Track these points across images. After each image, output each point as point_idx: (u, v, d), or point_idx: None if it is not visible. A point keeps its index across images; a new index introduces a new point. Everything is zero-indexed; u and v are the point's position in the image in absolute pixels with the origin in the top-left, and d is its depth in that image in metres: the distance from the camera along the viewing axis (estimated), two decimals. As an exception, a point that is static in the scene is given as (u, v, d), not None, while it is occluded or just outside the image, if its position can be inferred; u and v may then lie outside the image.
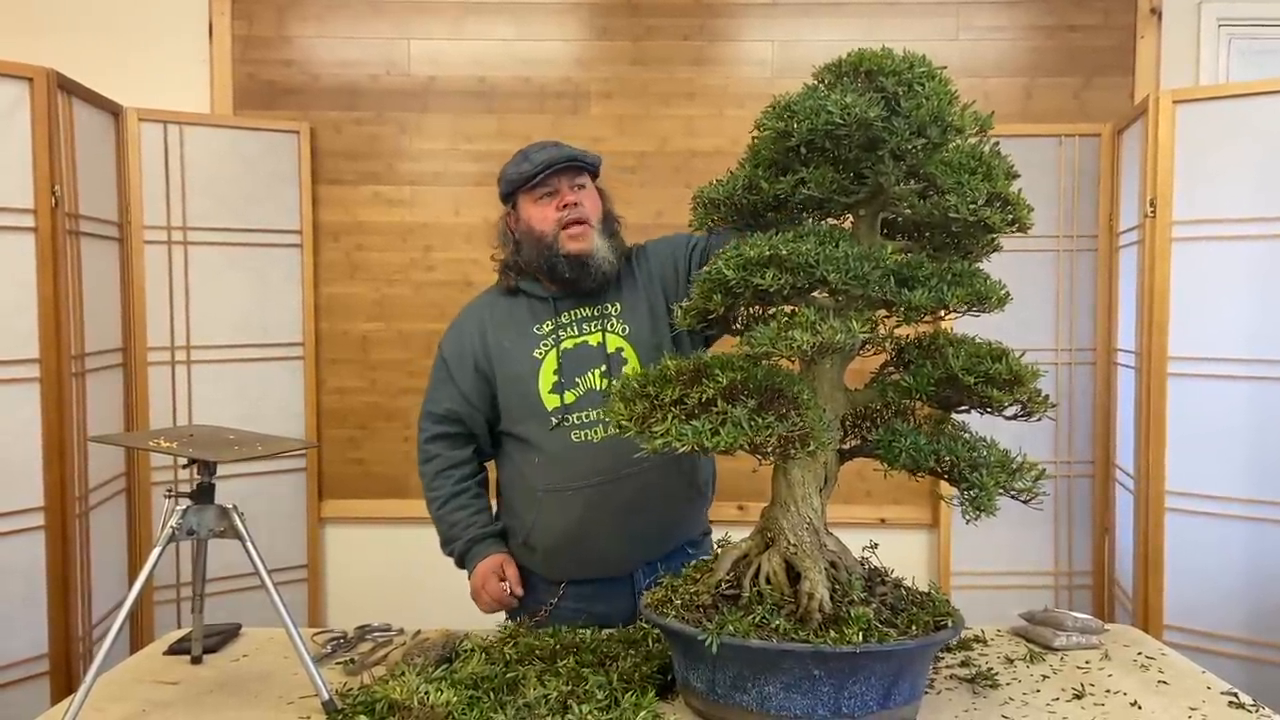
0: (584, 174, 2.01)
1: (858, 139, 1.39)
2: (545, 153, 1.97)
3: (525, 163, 1.98)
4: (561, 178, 1.97)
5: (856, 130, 1.38)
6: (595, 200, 2.02)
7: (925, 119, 1.38)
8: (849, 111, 1.36)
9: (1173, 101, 2.68)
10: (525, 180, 1.97)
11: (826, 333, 1.34)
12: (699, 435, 1.33)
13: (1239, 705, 1.55)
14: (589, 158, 2.01)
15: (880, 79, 1.41)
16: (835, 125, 1.37)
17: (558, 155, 1.96)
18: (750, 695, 1.39)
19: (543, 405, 1.96)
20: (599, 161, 2.05)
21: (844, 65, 1.46)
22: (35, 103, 2.45)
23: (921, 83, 1.40)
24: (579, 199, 1.98)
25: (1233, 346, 2.62)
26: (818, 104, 1.37)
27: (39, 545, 2.47)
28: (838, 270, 1.37)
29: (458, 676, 1.51)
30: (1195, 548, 2.67)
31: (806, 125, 1.39)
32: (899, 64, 1.41)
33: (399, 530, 3.35)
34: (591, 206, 1.99)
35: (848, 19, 3.31)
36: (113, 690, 1.62)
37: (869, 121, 1.36)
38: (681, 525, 2.06)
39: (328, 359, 3.35)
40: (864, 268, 1.39)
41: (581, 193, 1.99)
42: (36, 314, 2.46)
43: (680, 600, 1.49)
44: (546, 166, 1.95)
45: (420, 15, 3.32)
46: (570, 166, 1.97)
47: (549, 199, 1.97)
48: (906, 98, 1.39)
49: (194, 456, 1.56)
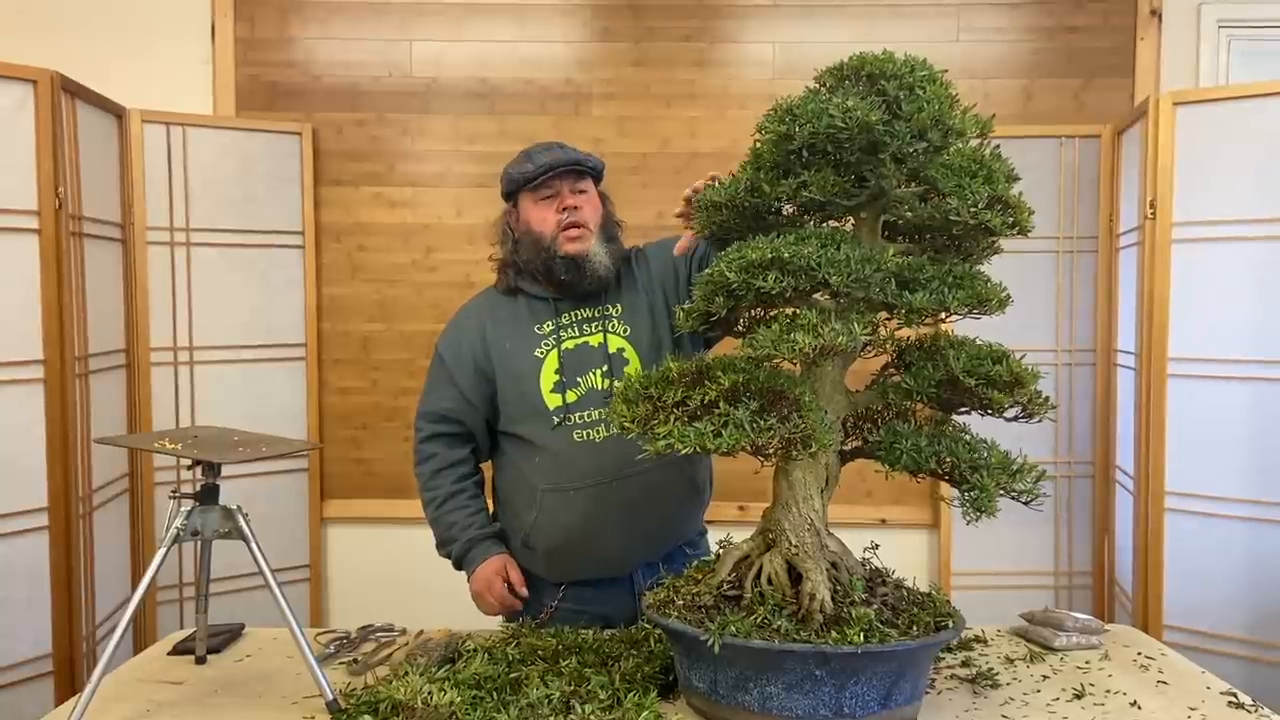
0: (586, 178, 2.02)
1: (859, 142, 1.40)
2: (548, 154, 1.98)
3: (528, 163, 1.99)
4: (563, 180, 1.98)
5: (858, 134, 1.38)
6: (596, 204, 2.03)
7: (926, 122, 1.39)
8: (850, 115, 1.37)
9: (1173, 103, 2.68)
10: (527, 180, 1.98)
11: (828, 335, 1.35)
12: (701, 437, 1.35)
13: (1238, 705, 1.55)
14: (591, 162, 2.02)
15: (882, 82, 1.42)
16: (837, 129, 1.38)
17: (560, 158, 1.97)
18: (752, 695, 1.40)
19: (544, 405, 1.96)
20: (601, 166, 2.05)
21: (845, 69, 1.47)
22: (39, 105, 2.46)
23: (923, 86, 1.41)
24: (579, 203, 1.98)
25: (1232, 347, 2.63)
26: (819, 107, 1.38)
27: (43, 546, 2.47)
28: (839, 273, 1.38)
29: (461, 676, 1.51)
30: (1195, 548, 2.67)
31: (808, 128, 1.40)
32: (900, 67, 1.42)
33: (401, 530, 3.35)
34: (591, 210, 2.00)
35: (849, 20, 3.31)
36: (117, 690, 1.62)
37: (870, 125, 1.37)
38: (681, 525, 2.07)
39: (330, 359, 3.36)
40: (865, 270, 1.40)
41: (582, 197, 2.00)
42: (40, 315, 2.47)
43: (682, 601, 1.50)
44: (549, 169, 1.96)
45: (422, 17, 3.33)
46: (572, 170, 1.98)
47: (550, 201, 1.98)
48: (908, 101, 1.39)
49: (199, 458, 1.56)
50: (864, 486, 3.27)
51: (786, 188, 1.46)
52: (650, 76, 3.33)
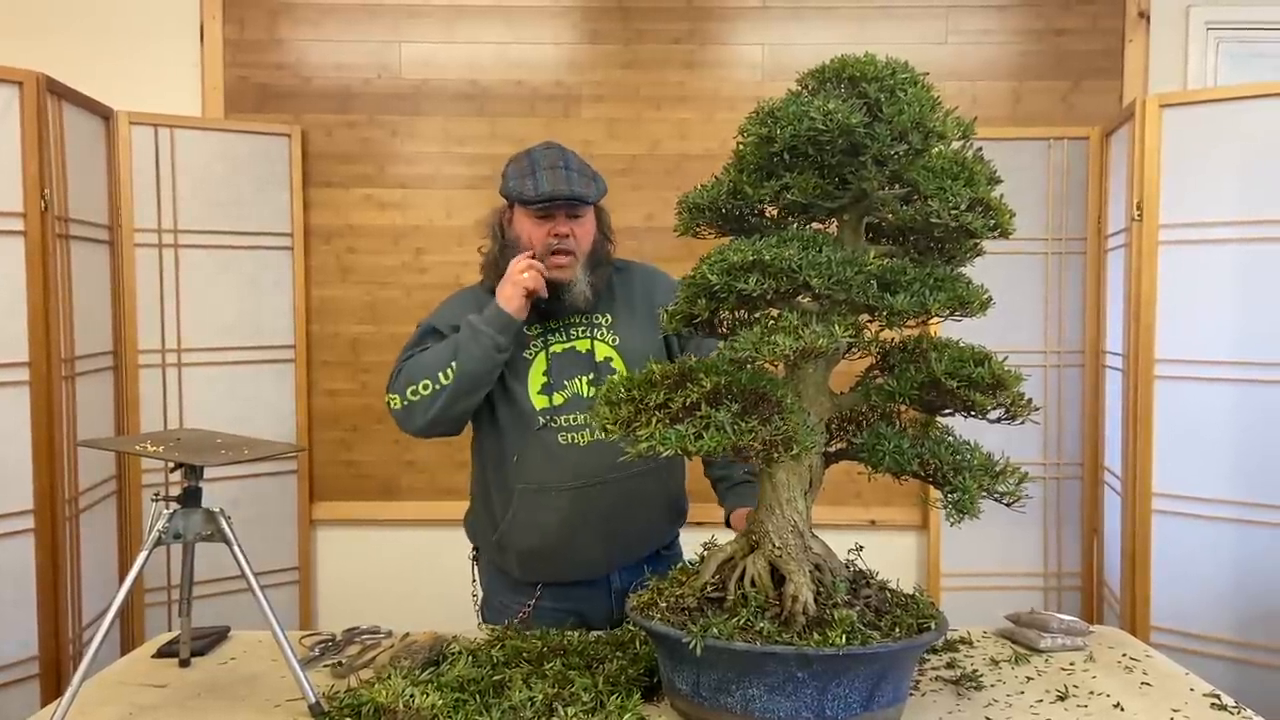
0: (586, 204, 2.00)
1: (840, 145, 1.40)
2: (552, 175, 1.94)
3: (529, 179, 1.95)
4: (561, 205, 1.96)
5: (839, 136, 1.39)
6: (589, 230, 2.01)
7: (906, 125, 1.39)
8: (831, 118, 1.37)
9: (1160, 105, 2.69)
10: (525, 202, 1.96)
11: (809, 337, 1.35)
12: (683, 439, 1.35)
13: (1221, 707, 1.56)
14: (591, 196, 1.97)
15: (863, 85, 1.42)
16: (818, 131, 1.38)
17: (561, 190, 1.93)
18: (735, 698, 1.40)
19: (530, 405, 1.96)
20: (601, 195, 2.02)
21: (828, 71, 1.48)
22: (25, 106, 2.45)
23: (904, 89, 1.41)
24: (571, 229, 1.97)
25: (1219, 349, 2.64)
26: (800, 110, 1.38)
27: (28, 548, 2.47)
28: (820, 275, 1.38)
29: (444, 679, 1.51)
30: (1182, 549, 2.68)
31: (789, 131, 1.40)
32: (881, 70, 1.42)
33: (390, 532, 3.35)
34: (583, 236, 1.99)
35: (838, 22, 3.32)
36: (100, 693, 1.62)
37: (850, 128, 1.37)
38: (659, 531, 2.08)
39: (319, 361, 3.35)
40: (846, 272, 1.40)
41: (576, 223, 1.98)
42: (26, 317, 2.46)
43: (666, 603, 1.50)
44: (549, 200, 1.93)
45: (412, 19, 3.33)
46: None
47: (544, 221, 1.97)
48: (888, 104, 1.40)
49: (180, 460, 1.56)
50: (853, 488, 3.27)
51: (769, 190, 1.47)
52: (640, 79, 3.33)
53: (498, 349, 1.89)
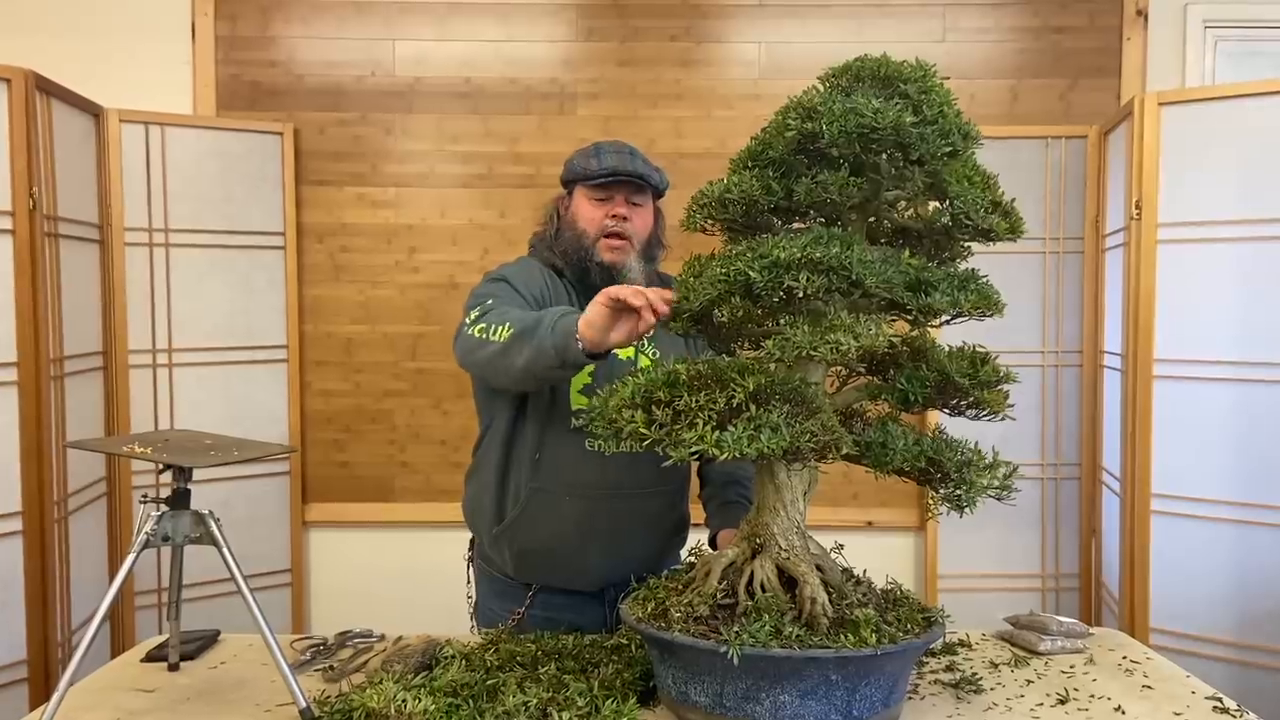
0: (646, 191, 1.98)
1: (887, 143, 1.38)
2: (616, 157, 1.94)
3: (593, 159, 1.95)
4: (622, 188, 1.94)
5: (889, 134, 1.37)
6: (647, 220, 1.99)
7: (952, 126, 1.38)
8: (881, 115, 1.35)
9: (1158, 103, 2.68)
10: (586, 177, 1.94)
11: (865, 336, 1.32)
12: (739, 442, 1.29)
13: (1223, 710, 1.54)
14: (654, 179, 1.97)
15: (901, 85, 1.41)
16: (869, 129, 1.36)
17: (624, 166, 1.93)
18: (764, 705, 1.36)
19: (570, 404, 1.90)
20: (665, 186, 2.01)
21: (862, 69, 1.46)
22: (13, 104, 2.42)
23: (935, 91, 1.41)
24: (630, 214, 1.95)
25: (1218, 348, 2.62)
26: (847, 107, 1.36)
27: (17, 550, 2.44)
28: (873, 274, 1.36)
29: (437, 684, 1.49)
30: (1181, 550, 2.66)
31: (836, 127, 1.38)
32: (916, 71, 1.42)
33: (383, 534, 3.32)
34: (640, 224, 1.96)
35: (835, 20, 3.30)
36: (87, 698, 1.59)
37: (903, 126, 1.35)
38: (661, 551, 2.04)
39: (311, 361, 3.33)
40: (888, 271, 1.38)
41: (635, 209, 1.96)
42: (14, 317, 2.43)
43: (679, 613, 1.44)
44: (611, 174, 1.92)
45: (405, 16, 3.30)
46: (634, 180, 1.94)
47: (603, 203, 1.95)
48: (928, 105, 1.39)
49: (168, 462, 1.54)
50: (850, 489, 3.25)
51: (804, 187, 1.44)
52: (636, 76, 3.31)
53: (560, 365, 1.67)
